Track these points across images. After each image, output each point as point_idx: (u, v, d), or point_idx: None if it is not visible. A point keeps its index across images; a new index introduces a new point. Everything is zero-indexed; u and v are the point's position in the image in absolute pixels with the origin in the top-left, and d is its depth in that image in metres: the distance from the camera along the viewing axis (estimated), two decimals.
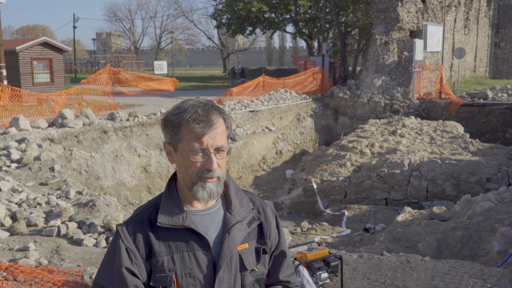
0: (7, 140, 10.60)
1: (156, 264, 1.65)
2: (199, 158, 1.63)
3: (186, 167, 1.66)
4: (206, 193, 1.66)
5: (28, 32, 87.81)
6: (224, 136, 1.68)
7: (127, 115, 14.02)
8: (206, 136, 1.62)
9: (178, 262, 1.65)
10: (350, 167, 13.30)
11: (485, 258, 6.07)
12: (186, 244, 1.67)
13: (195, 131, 1.61)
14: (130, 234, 1.68)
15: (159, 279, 1.65)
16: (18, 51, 22.06)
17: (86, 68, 60.73)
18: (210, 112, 1.64)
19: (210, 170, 1.64)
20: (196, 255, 1.67)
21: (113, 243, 1.70)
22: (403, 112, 21.31)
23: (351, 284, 4.49)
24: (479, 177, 11.62)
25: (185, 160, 1.65)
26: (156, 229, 1.68)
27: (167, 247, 1.66)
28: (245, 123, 17.99)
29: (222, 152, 1.66)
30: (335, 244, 9.00)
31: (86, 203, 7.20)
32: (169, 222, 1.66)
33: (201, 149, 1.62)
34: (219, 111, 1.69)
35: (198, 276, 1.66)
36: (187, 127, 1.62)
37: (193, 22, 74.28)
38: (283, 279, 1.88)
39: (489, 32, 40.63)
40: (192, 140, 1.62)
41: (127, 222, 1.72)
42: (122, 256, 1.65)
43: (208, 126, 1.62)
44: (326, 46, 27.63)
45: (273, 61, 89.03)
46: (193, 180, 1.66)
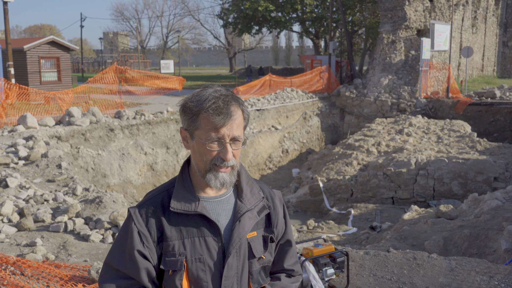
0: (15, 137, 10.67)
1: (167, 248, 1.67)
2: (215, 147, 1.65)
3: (201, 154, 1.68)
4: (219, 182, 1.68)
5: (36, 31, 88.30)
6: (241, 127, 1.69)
7: (133, 114, 14.06)
8: (224, 127, 1.64)
9: (189, 247, 1.67)
10: (356, 166, 13.26)
11: (492, 256, 6.03)
12: (197, 229, 1.69)
13: (214, 121, 1.63)
14: (143, 217, 1.70)
15: (170, 263, 1.67)
16: (26, 50, 22.19)
17: (93, 68, 60.97)
18: (230, 103, 1.66)
19: (224, 160, 1.66)
20: (206, 241, 1.69)
21: (125, 226, 1.72)
22: (410, 111, 21.22)
23: (357, 280, 4.48)
24: (487, 176, 11.54)
25: (201, 148, 1.67)
26: (168, 214, 1.69)
27: (178, 231, 1.68)
28: (252, 122, 17.99)
29: (238, 143, 1.68)
30: (341, 243, 8.98)
31: (92, 200, 7.23)
32: (182, 208, 1.68)
33: (218, 138, 1.64)
34: (238, 102, 1.71)
35: (207, 262, 1.68)
36: (206, 116, 1.64)
37: (199, 22, 74.34)
38: (288, 267, 1.91)
39: (497, 31, 40.35)
40: (209, 129, 1.64)
41: (139, 206, 1.73)
42: (134, 239, 1.67)
43: (227, 117, 1.64)
44: (332, 45, 27.57)
45: (280, 61, 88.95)
46: (206, 168, 1.68)
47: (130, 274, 1.66)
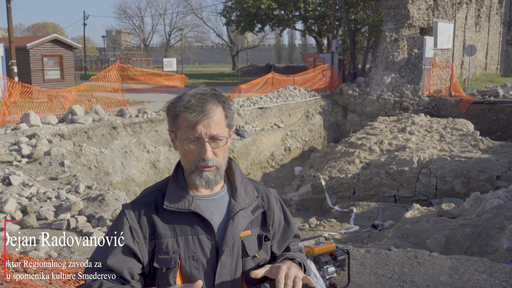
0: (18, 135, 10.71)
1: (160, 246, 1.68)
2: (193, 146, 1.66)
3: (184, 155, 1.70)
4: (204, 181, 1.69)
5: (39, 29, 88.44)
6: (221, 125, 1.68)
7: (136, 112, 14.09)
8: (199, 125, 1.63)
9: (182, 245, 1.68)
10: (359, 164, 13.26)
11: (494, 255, 6.03)
12: (190, 227, 1.69)
13: (188, 119, 1.63)
14: (135, 213, 1.70)
15: (163, 260, 1.67)
16: (29, 48, 22.23)
17: (96, 66, 60.97)
18: (205, 101, 1.65)
19: (204, 159, 1.66)
20: (200, 239, 1.69)
21: (117, 221, 1.72)
22: (413, 110, 21.19)
23: (358, 279, 4.49)
24: (489, 175, 11.52)
25: (182, 148, 1.68)
26: (162, 212, 1.70)
27: (172, 229, 1.69)
28: (254, 120, 17.99)
29: (218, 141, 1.67)
30: (343, 241, 8.99)
31: (95, 198, 7.26)
32: (175, 206, 1.69)
33: (195, 138, 1.64)
34: (218, 99, 1.69)
35: (201, 260, 1.69)
36: (182, 116, 1.65)
37: (202, 20, 74.21)
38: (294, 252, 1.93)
39: (501, 30, 40.20)
40: (187, 129, 1.64)
41: (133, 203, 1.74)
42: (125, 233, 1.67)
43: (200, 115, 1.63)
44: (335, 44, 27.54)
45: (282, 59, 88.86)
46: (191, 168, 1.69)
47: (111, 267, 1.64)
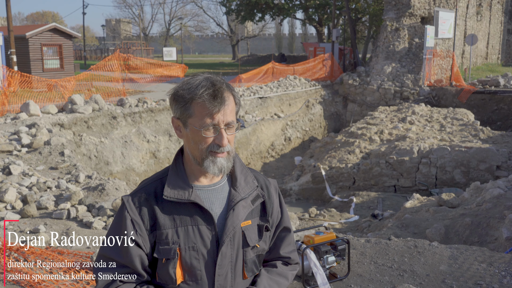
0: (18, 125, 10.70)
1: (161, 236, 1.67)
2: (210, 133, 1.65)
3: (196, 142, 1.67)
4: (217, 168, 1.68)
5: (38, 18, 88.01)
6: (234, 113, 1.70)
7: (136, 101, 14.06)
8: (218, 113, 1.63)
9: (182, 236, 1.67)
10: (359, 154, 13.25)
11: (493, 244, 6.05)
12: (190, 218, 1.69)
13: (208, 107, 1.63)
14: (136, 205, 1.70)
15: (163, 251, 1.67)
16: (28, 37, 22.12)
17: (96, 55, 60.78)
18: (222, 89, 1.66)
19: (221, 146, 1.66)
20: (200, 230, 1.69)
21: (119, 214, 1.72)
22: (413, 99, 21.13)
23: (358, 268, 4.50)
24: (489, 165, 11.52)
25: (196, 135, 1.66)
26: (162, 202, 1.69)
27: (171, 220, 1.68)
28: (254, 109, 17.96)
29: (231, 128, 1.68)
30: (343, 230, 9.01)
31: (95, 187, 7.26)
32: (175, 196, 1.68)
33: (213, 125, 1.64)
34: (229, 88, 1.71)
35: (201, 250, 1.68)
36: (199, 103, 1.63)
37: (202, 9, 73.93)
38: (284, 254, 1.91)
39: (502, 19, 39.98)
40: (204, 116, 1.63)
41: (132, 194, 1.74)
42: (127, 227, 1.67)
43: (221, 103, 1.63)
44: (336, 33, 27.39)
45: (283, 48, 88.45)
46: (203, 155, 1.67)
47: (124, 263, 1.67)
